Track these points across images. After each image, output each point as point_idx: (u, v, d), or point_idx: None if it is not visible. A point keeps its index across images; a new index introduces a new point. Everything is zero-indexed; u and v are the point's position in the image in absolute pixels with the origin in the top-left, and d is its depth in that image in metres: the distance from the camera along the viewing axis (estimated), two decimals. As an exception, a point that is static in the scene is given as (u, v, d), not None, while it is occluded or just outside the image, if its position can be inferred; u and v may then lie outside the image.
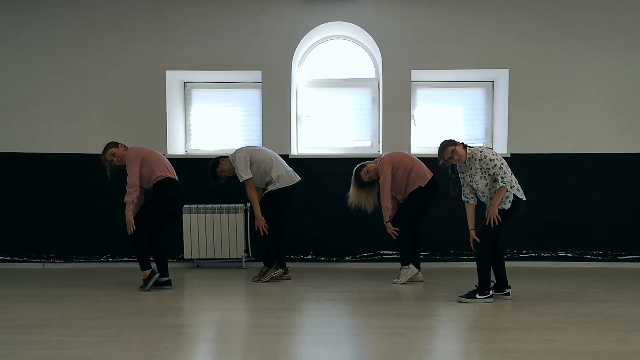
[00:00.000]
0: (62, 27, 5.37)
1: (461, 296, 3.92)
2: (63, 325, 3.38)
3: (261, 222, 4.53)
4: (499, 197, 3.76)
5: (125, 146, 4.32)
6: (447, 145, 3.85)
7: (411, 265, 4.57)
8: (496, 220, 3.76)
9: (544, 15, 5.33)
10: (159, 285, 4.31)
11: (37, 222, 5.43)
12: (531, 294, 4.17)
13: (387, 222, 4.51)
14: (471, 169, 3.87)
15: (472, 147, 3.93)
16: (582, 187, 5.37)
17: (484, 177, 3.85)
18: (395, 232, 4.48)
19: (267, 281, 4.61)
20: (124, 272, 4.80)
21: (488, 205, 3.90)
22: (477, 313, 3.71)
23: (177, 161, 5.17)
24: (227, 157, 4.61)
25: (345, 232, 5.34)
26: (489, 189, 3.88)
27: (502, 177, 3.75)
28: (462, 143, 3.88)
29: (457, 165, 3.91)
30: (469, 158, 3.86)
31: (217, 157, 4.66)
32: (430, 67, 5.42)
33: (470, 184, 3.90)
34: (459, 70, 5.45)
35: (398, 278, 4.57)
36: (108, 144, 4.29)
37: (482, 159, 3.80)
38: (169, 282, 4.36)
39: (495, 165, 3.78)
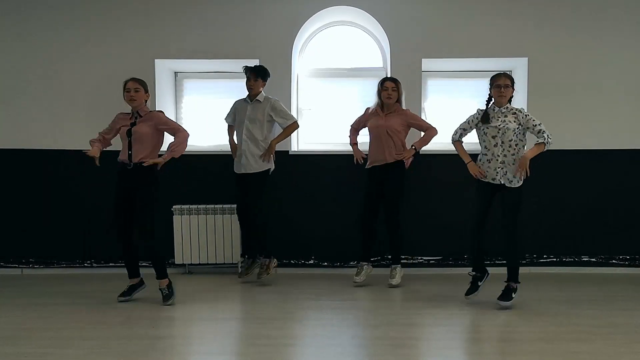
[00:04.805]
0: (41, 13, 5.36)
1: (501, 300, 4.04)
2: (44, 337, 3.41)
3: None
4: (538, 151, 3.98)
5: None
6: (511, 81, 4.13)
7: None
8: (528, 172, 3.96)
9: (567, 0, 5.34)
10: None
11: (15, 224, 5.43)
12: (552, 302, 4.18)
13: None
14: (506, 116, 4.07)
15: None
16: (607, 186, 5.36)
17: (516, 132, 4.05)
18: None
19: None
20: (110, 279, 4.80)
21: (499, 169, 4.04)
22: (493, 323, 3.72)
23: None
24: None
25: (350, 235, 5.33)
26: (513, 145, 4.04)
27: (548, 135, 3.98)
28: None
29: (491, 106, 4.17)
30: (508, 107, 4.12)
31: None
32: (443, 56, 5.41)
33: (499, 127, 4.06)
34: (473, 59, 5.44)
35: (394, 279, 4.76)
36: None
37: (527, 115, 4.06)
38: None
39: (539, 124, 4.03)
